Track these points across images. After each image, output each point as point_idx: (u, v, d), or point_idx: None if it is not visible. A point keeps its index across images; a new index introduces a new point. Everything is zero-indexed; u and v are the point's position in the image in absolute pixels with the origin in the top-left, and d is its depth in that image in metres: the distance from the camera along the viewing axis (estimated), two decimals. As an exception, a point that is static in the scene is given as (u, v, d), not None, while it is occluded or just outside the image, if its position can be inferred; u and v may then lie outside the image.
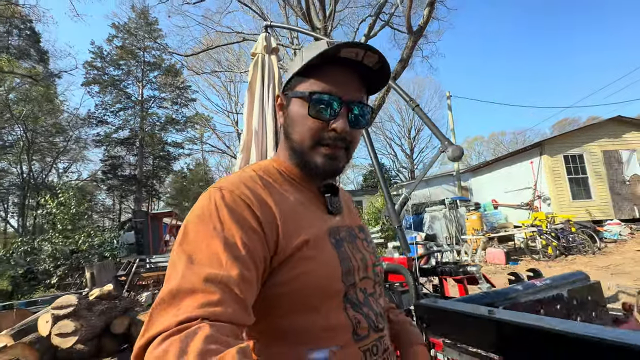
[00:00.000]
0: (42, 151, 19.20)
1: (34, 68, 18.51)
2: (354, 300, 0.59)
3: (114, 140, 24.95)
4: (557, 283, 1.22)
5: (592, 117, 31.20)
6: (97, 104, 24.57)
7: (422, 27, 10.34)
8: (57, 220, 7.99)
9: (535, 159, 10.27)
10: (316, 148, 0.62)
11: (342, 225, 0.66)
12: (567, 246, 7.46)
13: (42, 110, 17.45)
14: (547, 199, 9.93)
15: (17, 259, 8.67)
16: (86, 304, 3.86)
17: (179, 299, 0.40)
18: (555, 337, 0.68)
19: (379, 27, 13.66)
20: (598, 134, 10.12)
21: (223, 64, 19.07)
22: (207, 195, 0.54)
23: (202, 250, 0.46)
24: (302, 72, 0.62)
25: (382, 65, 0.62)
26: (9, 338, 3.60)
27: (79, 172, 24.28)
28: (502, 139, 40.49)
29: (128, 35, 24.50)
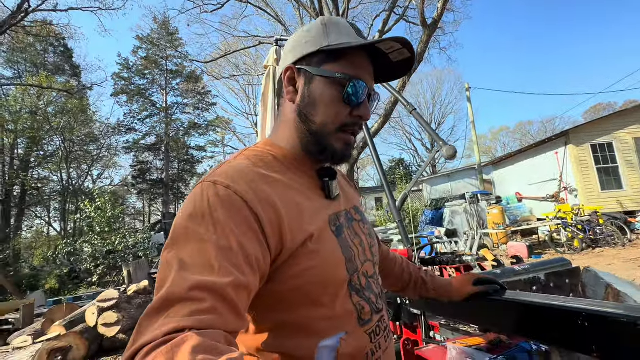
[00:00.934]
0: (79, 159, 20.60)
1: (68, 82, 19.88)
2: (357, 287, 0.59)
3: (141, 146, 26.30)
4: (536, 268, 1.34)
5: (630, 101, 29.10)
6: (126, 113, 26.00)
7: (436, 20, 10.21)
8: (95, 223, 8.68)
9: (560, 149, 9.91)
10: (338, 134, 0.60)
11: (340, 210, 0.65)
12: (595, 239, 7.21)
13: (77, 121, 18.72)
14: (573, 190, 9.56)
15: (62, 260, 9.47)
16: (126, 297, 4.27)
17: (168, 307, 0.38)
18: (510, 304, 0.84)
19: (394, 21, 13.56)
20: (629, 121, 9.60)
21: (241, 68, 19.62)
22: (199, 191, 0.50)
23: (194, 254, 0.43)
24: (332, 51, 0.59)
25: (405, 62, 0.62)
26: (61, 328, 4.07)
27: (112, 178, 25.82)
28: (529, 129, 38.86)
29: (151, 46, 25.70)
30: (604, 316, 0.54)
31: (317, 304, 0.54)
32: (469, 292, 0.87)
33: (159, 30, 26.03)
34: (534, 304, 0.70)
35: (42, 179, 19.66)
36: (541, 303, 0.67)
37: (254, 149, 0.63)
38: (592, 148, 9.50)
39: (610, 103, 34.49)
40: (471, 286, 0.87)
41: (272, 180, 0.55)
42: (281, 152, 0.62)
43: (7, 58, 19.03)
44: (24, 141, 17.78)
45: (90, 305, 4.33)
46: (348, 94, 0.58)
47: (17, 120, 16.09)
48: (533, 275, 1.28)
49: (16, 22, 12.35)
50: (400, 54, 0.60)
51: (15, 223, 16.87)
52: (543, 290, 1.28)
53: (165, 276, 0.42)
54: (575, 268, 1.38)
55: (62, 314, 4.68)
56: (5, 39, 15.15)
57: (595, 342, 0.55)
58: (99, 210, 8.81)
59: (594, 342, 0.55)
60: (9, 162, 17.28)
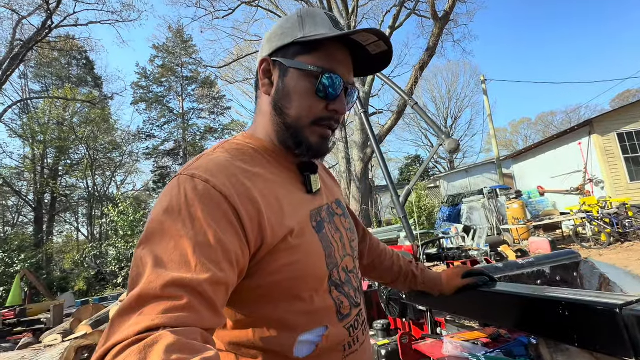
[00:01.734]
0: (103, 166, 21.52)
1: (91, 93, 20.82)
2: (337, 282, 0.59)
3: (161, 152, 27.15)
4: (540, 261, 1.31)
5: (661, 86, 27.32)
6: (145, 120, 26.94)
7: (447, 13, 10.01)
8: (119, 227, 9.06)
9: (584, 139, 9.47)
10: (312, 127, 0.59)
11: (322, 204, 0.64)
12: (623, 232, 6.86)
13: (100, 130, 19.57)
14: (600, 182, 9.12)
15: (89, 263, 9.93)
16: (146, 297, 4.44)
17: (142, 305, 0.37)
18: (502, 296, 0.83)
19: (405, 16, 13.39)
20: (658, 107, 9.07)
21: (253, 71, 19.88)
22: (176, 184, 0.49)
23: (170, 250, 0.42)
24: (307, 43, 0.58)
25: (383, 55, 0.61)
26: (88, 327, 4.27)
27: (134, 183, 26.80)
28: (551, 120, 37.31)
29: (167, 54, 26.49)
30: (582, 304, 0.53)
31: (297, 299, 0.54)
32: (457, 285, 0.87)
33: (173, 39, 26.80)
34: (519, 294, 0.69)
35: (69, 186, 20.69)
36: (522, 293, 0.66)
37: (233, 141, 0.61)
38: (618, 137, 9.03)
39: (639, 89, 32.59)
40: (460, 279, 0.87)
41: (252, 174, 0.54)
42: (261, 144, 0.61)
43: (35, 73, 20.15)
44: (52, 151, 18.77)
45: (113, 305, 4.52)
46: (321, 87, 0.56)
47: (45, 131, 17.01)
48: (537, 269, 1.25)
49: (41, 39, 13.05)
50: (377, 46, 0.58)
51: (47, 229, 17.83)
52: (548, 283, 1.24)
53: (138, 273, 0.40)
54: (579, 261, 1.33)
55: (89, 314, 4.91)
56: (32, 55, 16.04)
57: (575, 331, 0.54)
58: (122, 215, 9.19)
59: (574, 331, 0.54)
60: (39, 171, 18.28)
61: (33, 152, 18.12)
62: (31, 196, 17.77)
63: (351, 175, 10.95)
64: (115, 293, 6.99)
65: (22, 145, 18.63)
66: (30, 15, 13.01)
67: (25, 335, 5.04)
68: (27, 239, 13.49)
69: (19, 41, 13.55)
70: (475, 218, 9.92)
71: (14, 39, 13.59)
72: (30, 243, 13.21)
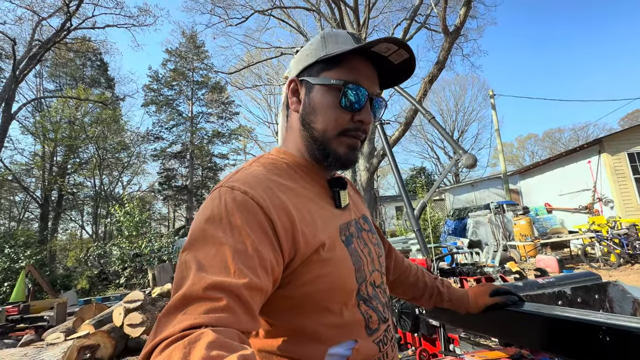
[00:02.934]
0: (110, 166, 21.76)
1: (103, 94, 21.20)
2: (365, 296, 0.61)
3: (168, 154, 27.43)
4: (561, 281, 1.29)
5: (671, 107, 27.18)
6: (154, 122, 27.31)
7: (458, 28, 10.09)
8: (124, 227, 9.10)
9: (594, 157, 9.39)
10: (340, 138, 0.61)
11: (350, 219, 0.66)
12: (634, 253, 6.73)
13: (110, 131, 19.86)
14: (609, 202, 9.01)
15: (92, 261, 9.96)
16: (150, 299, 4.42)
17: (186, 305, 0.40)
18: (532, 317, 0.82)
19: (415, 29, 13.55)
20: (670, 128, 8.99)
21: (263, 78, 20.18)
22: (217, 195, 0.52)
23: (211, 256, 0.45)
24: (330, 59, 0.61)
25: (406, 64, 0.62)
26: (91, 327, 4.26)
27: (140, 184, 27.03)
28: (559, 137, 37.09)
29: (179, 59, 26.98)
30: (625, 330, 0.52)
31: (327, 311, 0.55)
32: (486, 303, 0.85)
33: (186, 44, 27.32)
34: (553, 316, 0.68)
35: (77, 185, 20.91)
36: (561, 316, 0.65)
37: (268, 156, 0.65)
38: (629, 157, 8.95)
39: (649, 109, 32.36)
40: (488, 297, 0.86)
41: (286, 188, 0.57)
42: (293, 159, 0.64)
43: (50, 72, 20.60)
44: (62, 149, 19.04)
45: (117, 305, 4.51)
46: (345, 99, 0.59)
47: (56, 129, 17.29)
48: (558, 289, 1.23)
49: (59, 40, 13.38)
50: (399, 55, 0.60)
51: (52, 226, 17.97)
52: (569, 305, 1.22)
53: (183, 276, 0.43)
54: (606, 283, 1.31)
55: (92, 313, 4.91)
56: (49, 55, 16.43)
57: (616, 357, 0.53)
58: (127, 215, 9.25)
59: (615, 357, 0.54)
60: (48, 168, 18.53)
61: (43, 150, 18.40)
62: (38, 193, 17.98)
63: (356, 185, 10.95)
64: (117, 293, 6.98)
65: (34, 142, 18.96)
66: (50, 17, 13.38)
67: (27, 332, 5.04)
68: (32, 235, 13.60)
69: (37, 41, 13.90)
70: (481, 233, 9.81)
71: (32, 39, 13.95)
72: (35, 239, 13.32)
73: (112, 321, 4.31)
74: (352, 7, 12.06)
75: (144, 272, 8.66)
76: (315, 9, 13.43)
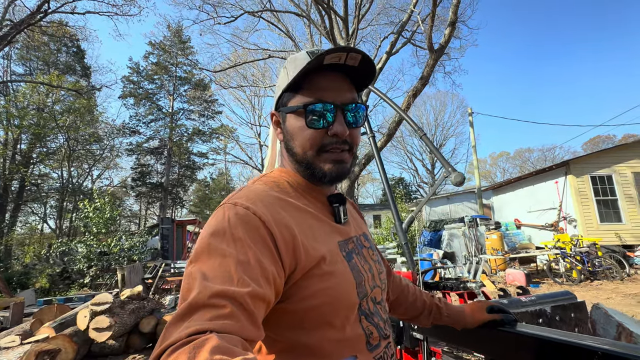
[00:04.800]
0: (80, 158, 20.65)
1: (78, 82, 20.17)
2: (366, 311, 0.61)
3: (144, 149, 26.44)
4: (542, 300, 1.35)
5: (628, 135, 29.68)
6: (132, 116, 26.34)
7: (443, 47, 10.49)
8: (93, 223, 8.62)
9: (561, 178, 10.00)
10: (320, 155, 0.63)
11: (350, 236, 0.67)
12: (593, 271, 7.18)
13: (83, 121, 18.89)
14: (572, 221, 9.59)
15: (54, 259, 9.35)
16: (119, 302, 4.20)
17: (192, 312, 0.41)
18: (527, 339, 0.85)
19: (401, 44, 13.93)
20: (628, 155, 9.74)
21: (249, 79, 19.98)
22: (221, 211, 0.54)
23: (215, 267, 0.47)
24: (291, 86, 0.63)
25: (364, 63, 0.62)
26: (50, 330, 3.98)
27: (111, 179, 25.81)
28: (528, 156, 39.22)
29: (163, 52, 26.24)
30: (621, 357, 0.56)
31: (329, 326, 0.56)
32: (482, 319, 0.87)
33: (171, 38, 26.65)
34: (549, 338, 0.71)
35: (42, 175, 19.64)
36: (556, 338, 0.68)
37: (270, 174, 0.68)
38: (591, 180, 9.60)
39: (609, 135, 35.10)
40: (485, 313, 0.88)
41: (287, 203, 0.60)
42: (294, 178, 0.67)
43: (20, 55, 19.38)
44: (28, 137, 17.87)
45: (82, 307, 4.25)
46: (309, 119, 0.61)
47: (23, 115, 16.22)
48: (539, 308, 1.29)
49: (34, 22, 12.64)
50: (353, 59, 0.60)
51: (11, 218, 16.73)
52: (549, 323, 1.28)
53: (189, 287, 0.45)
54: (581, 302, 1.39)
55: (52, 315, 4.59)
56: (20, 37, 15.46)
57: (611, 382, 0.56)
58: (97, 211, 8.77)
59: (609, 381, 0.57)
60: (10, 156, 17.30)
61: (6, 136, 17.19)
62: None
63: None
64: (82, 294, 6.56)
65: (-5, 127, 17.67)
66: (25, -3, 12.60)
67: (-24, 334, 4.62)
68: (-13, 228, 12.58)
69: (8, 21, 13.06)
70: (455, 245, 10.13)
71: (3, 18, 13.10)
72: (-10, 232, 12.32)
73: (75, 324, 4.05)
74: (342, 17, 12.24)
75: (111, 271, 8.22)
76: (305, 15, 13.51)
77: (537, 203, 11.04)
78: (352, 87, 0.66)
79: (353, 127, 0.64)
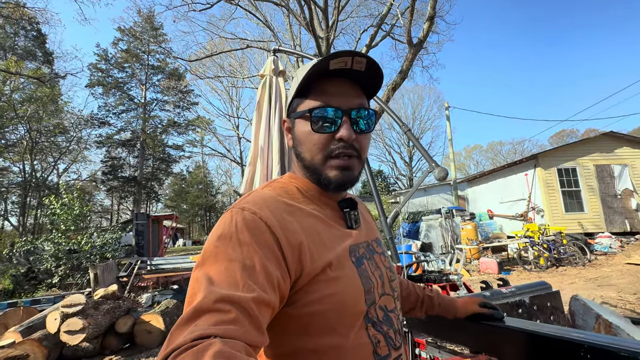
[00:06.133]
0: (44, 151, 19.37)
1: (39, 69, 18.78)
2: (374, 319, 0.60)
3: (115, 141, 25.20)
4: (520, 291, 1.41)
5: (590, 130, 31.73)
6: (100, 106, 24.97)
7: (421, 41, 10.61)
8: (61, 220, 8.14)
9: (530, 171, 10.52)
10: (327, 161, 0.62)
11: (361, 241, 0.66)
12: (559, 257, 7.66)
13: (46, 111, 17.66)
14: (540, 211, 10.15)
15: (18, 258, 8.79)
16: (93, 303, 4.02)
17: (197, 317, 0.41)
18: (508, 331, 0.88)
19: (381, 37, 13.96)
20: (591, 149, 10.38)
21: (226, 69, 19.40)
22: (229, 215, 0.55)
23: (221, 272, 0.47)
24: (300, 92, 0.65)
25: (372, 68, 0.62)
26: (17, 334, 3.75)
27: (79, 173, 24.45)
28: (500, 149, 40.98)
29: (133, 39, 24.88)
30: (605, 349, 0.58)
31: (334, 332, 0.55)
32: (473, 310, 0.91)
33: (142, 24, 25.28)
34: (535, 332, 0.73)
35: (1, 170, 18.29)
36: (543, 333, 0.71)
37: (280, 180, 0.69)
38: (558, 172, 10.17)
39: (572, 130, 37.31)
40: (476, 306, 0.91)
41: (295, 209, 0.60)
42: (303, 183, 0.67)
43: (-29, 38, 17.77)
44: (-17, 128, 16.53)
45: (52, 309, 4.04)
46: (314, 124, 0.62)
47: (-23, 105, 14.97)
48: (519, 299, 1.34)
49: (-14, 2, 11.57)
50: (359, 62, 0.60)
51: (-34, 215, 15.52)
52: (528, 312, 1.34)
53: (195, 291, 0.46)
54: (556, 292, 1.46)
55: (18, 319, 4.33)
56: (-29, 18, 14.15)
57: (596, 374, 0.59)
58: (65, 207, 8.28)
59: (595, 374, 0.59)
60: (-36, 149, 15.98)
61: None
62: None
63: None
64: (50, 295, 6.21)
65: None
66: (-25, -26, 11.50)
67: None
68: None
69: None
70: (432, 236, 10.46)
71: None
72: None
73: (44, 327, 3.84)
74: (321, 7, 12.06)
75: (82, 270, 7.84)
76: (284, 4, 13.21)
77: (508, 194, 11.57)
78: (362, 93, 0.66)
79: (360, 133, 0.64)
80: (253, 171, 2.35)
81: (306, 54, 2.73)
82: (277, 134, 2.34)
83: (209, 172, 37.24)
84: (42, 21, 16.82)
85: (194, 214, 38.02)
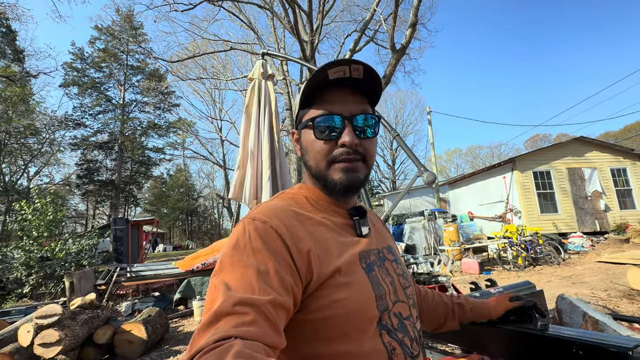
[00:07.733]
0: (14, 153, 18.39)
1: (8, 67, 17.84)
2: (388, 326, 0.59)
3: (91, 143, 24.23)
4: (507, 291, 1.46)
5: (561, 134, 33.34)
6: (75, 106, 23.95)
7: (404, 47, 10.88)
8: (33, 226, 7.73)
9: (508, 174, 10.93)
10: (332, 166, 0.64)
11: (372, 248, 0.67)
12: (535, 257, 7.97)
13: (16, 111, 16.79)
14: (518, 212, 10.54)
15: (-16, 267, 8.25)
16: (70, 313, 3.84)
17: (217, 320, 0.44)
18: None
19: (364, 42, 14.18)
20: (563, 153, 10.91)
21: (209, 71, 19.10)
22: (241, 226, 0.58)
23: (238, 278, 0.49)
24: (304, 104, 0.68)
25: (369, 74, 0.63)
26: (-15, 349, 3.53)
27: (52, 176, 23.33)
28: (478, 152, 42.35)
29: (111, 38, 24.11)
30: (596, 345, 0.62)
31: (347, 338, 0.55)
32: (506, 307, 0.86)
33: (121, 23, 24.57)
34: (528, 331, 0.77)
35: (-35, 173, 17.22)
36: (535, 330, 0.74)
37: (289, 191, 0.72)
38: (533, 175, 10.61)
39: (545, 134, 39.12)
40: (508, 302, 0.87)
41: (304, 217, 0.62)
42: (312, 193, 0.70)
43: None
44: (-55, 128, 15.52)
45: (24, 321, 3.82)
46: (316, 132, 0.64)
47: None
48: (506, 298, 1.39)
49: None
50: (357, 70, 0.62)
51: None
52: (514, 311, 1.39)
53: (214, 297, 0.48)
54: (539, 291, 1.52)
55: (-14, 332, 4.06)
56: None
57: (589, 370, 0.62)
58: (37, 213, 7.87)
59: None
60: None
61: None
62: None
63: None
64: (22, 305, 5.86)
65: None
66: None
67: None
68: None
69: None
70: (416, 237, 10.66)
71: None
72: None
73: (16, 340, 3.62)
74: (306, 11, 12.13)
75: (56, 279, 7.46)
76: (268, 7, 13.19)
77: (487, 197, 11.96)
78: (364, 100, 0.67)
79: (364, 138, 0.65)
80: (243, 175, 2.33)
81: (295, 59, 2.74)
82: (267, 137, 2.33)
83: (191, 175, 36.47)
84: (12, 17, 16.04)
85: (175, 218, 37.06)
